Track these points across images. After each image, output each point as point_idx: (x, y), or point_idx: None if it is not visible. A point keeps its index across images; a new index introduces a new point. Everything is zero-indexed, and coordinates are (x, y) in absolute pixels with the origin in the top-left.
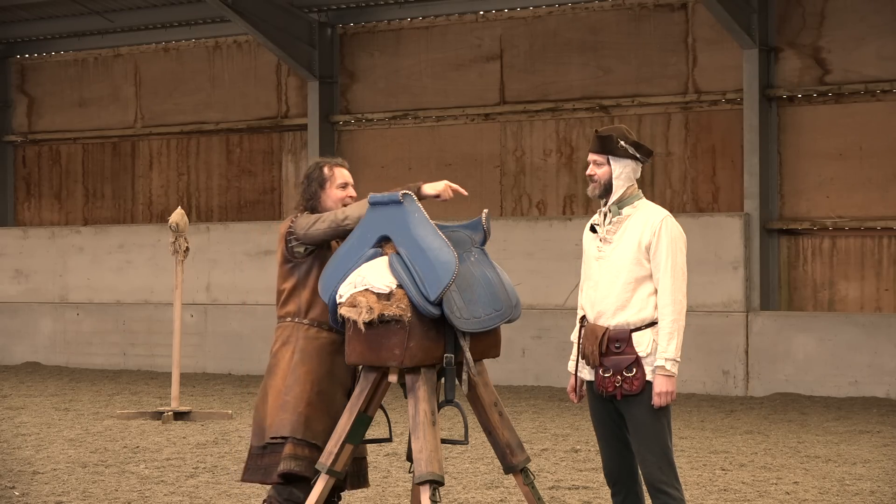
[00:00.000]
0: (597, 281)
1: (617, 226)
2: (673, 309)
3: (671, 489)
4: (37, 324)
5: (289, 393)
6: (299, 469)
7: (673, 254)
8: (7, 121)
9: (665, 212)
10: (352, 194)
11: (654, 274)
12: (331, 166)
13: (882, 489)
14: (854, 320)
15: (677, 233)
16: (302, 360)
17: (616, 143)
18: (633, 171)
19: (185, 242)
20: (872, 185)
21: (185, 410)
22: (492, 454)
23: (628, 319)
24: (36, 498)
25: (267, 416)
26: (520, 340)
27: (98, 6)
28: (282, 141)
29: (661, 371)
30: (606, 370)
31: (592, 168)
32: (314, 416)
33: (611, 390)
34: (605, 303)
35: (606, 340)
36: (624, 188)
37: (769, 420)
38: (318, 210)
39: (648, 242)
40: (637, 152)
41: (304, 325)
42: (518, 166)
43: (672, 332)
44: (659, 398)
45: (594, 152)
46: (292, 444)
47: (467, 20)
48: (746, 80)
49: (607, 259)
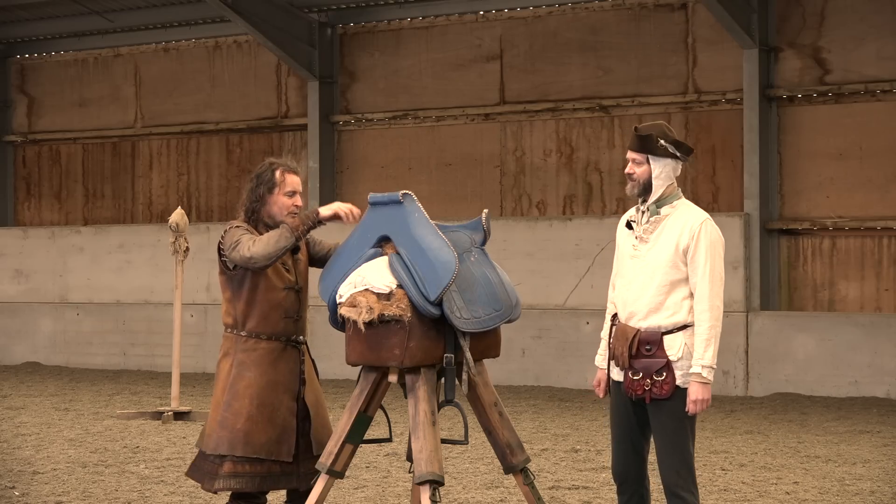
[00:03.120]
0: (630, 280)
1: (654, 225)
2: (711, 315)
3: (687, 494)
4: (37, 324)
5: (228, 409)
6: (239, 486)
7: (712, 259)
8: (7, 121)
9: (705, 214)
10: (298, 203)
11: (690, 278)
12: (283, 171)
13: (882, 489)
14: (854, 320)
15: (716, 237)
16: (240, 374)
17: (656, 141)
18: (672, 169)
19: (185, 242)
20: (872, 185)
21: (185, 410)
22: (492, 454)
23: (660, 322)
24: (36, 498)
25: (207, 426)
26: (520, 340)
27: (98, 6)
28: (282, 141)
29: (698, 378)
30: (636, 372)
31: (631, 166)
32: (255, 430)
33: (640, 393)
34: (637, 303)
35: (637, 342)
36: (663, 187)
37: (769, 420)
38: (261, 214)
39: (686, 246)
40: (677, 151)
41: (241, 337)
42: (518, 166)
43: (709, 339)
44: (695, 405)
45: (633, 150)
46: (231, 463)
47: (467, 20)
48: (746, 80)
49: (643, 259)
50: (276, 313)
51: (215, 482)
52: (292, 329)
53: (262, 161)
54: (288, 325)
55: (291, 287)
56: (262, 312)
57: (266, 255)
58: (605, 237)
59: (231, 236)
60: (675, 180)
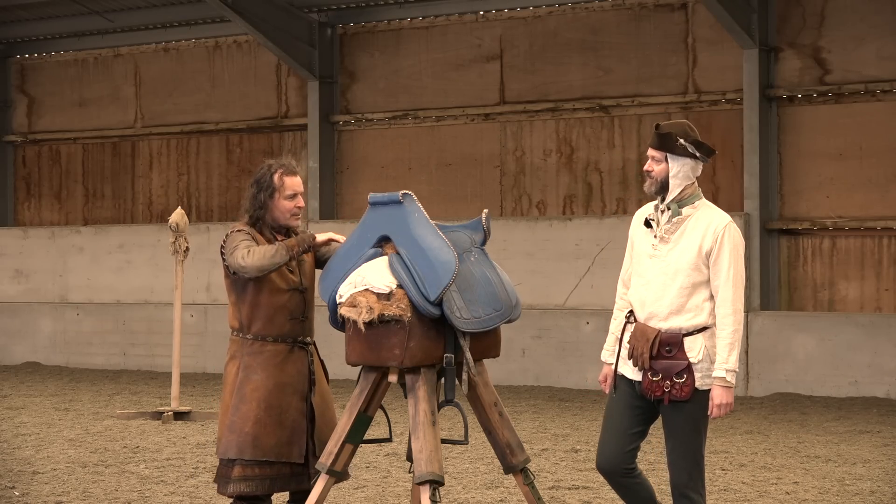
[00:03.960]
0: (649, 280)
1: (676, 225)
2: (734, 319)
3: (695, 494)
4: (37, 324)
5: (236, 413)
6: (249, 490)
7: (735, 262)
8: (7, 121)
9: (728, 217)
10: (300, 204)
11: (712, 281)
12: (281, 174)
13: (882, 489)
14: (854, 320)
15: (739, 240)
16: (247, 377)
17: (675, 140)
18: (691, 169)
19: (185, 242)
20: (872, 185)
21: (185, 410)
22: (492, 454)
23: (681, 324)
24: (36, 498)
25: (217, 431)
26: (520, 340)
27: (98, 6)
28: (282, 141)
29: (721, 382)
30: (656, 374)
31: (650, 164)
32: (263, 433)
33: (659, 394)
34: (658, 304)
35: (658, 343)
36: (681, 187)
37: (769, 420)
38: (265, 219)
39: (710, 248)
40: (697, 151)
41: (248, 341)
42: (518, 166)
43: (733, 343)
44: (719, 409)
45: (653, 148)
46: (241, 467)
47: (467, 20)
48: (746, 80)
49: (663, 259)
50: (282, 315)
51: (228, 486)
52: (299, 330)
53: (262, 162)
54: (294, 326)
55: (296, 288)
56: (267, 315)
57: (259, 268)
58: (605, 237)
59: (231, 241)
60: (696, 181)
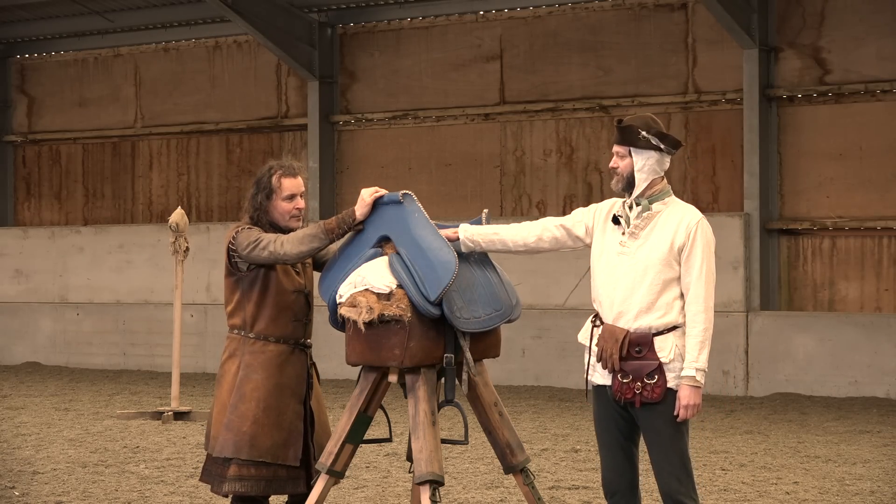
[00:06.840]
0: (617, 278)
1: (646, 221)
2: (705, 317)
3: (688, 499)
4: (37, 324)
5: (234, 411)
6: (244, 490)
7: (707, 259)
8: (7, 121)
9: (699, 213)
10: (299, 205)
11: (684, 278)
12: (279, 176)
13: (882, 489)
14: (854, 320)
15: (711, 237)
16: (247, 376)
17: (637, 133)
18: (657, 163)
19: (185, 242)
20: (872, 185)
21: (185, 410)
22: (492, 454)
23: (651, 323)
24: (36, 498)
25: (213, 429)
26: (520, 340)
27: (98, 6)
28: (282, 141)
29: (691, 381)
30: (626, 375)
31: (615, 160)
32: (260, 434)
33: (629, 397)
34: (627, 303)
35: (627, 344)
36: (647, 181)
37: (769, 420)
38: (265, 221)
39: (682, 244)
40: (661, 143)
41: (250, 339)
42: (518, 166)
43: (703, 341)
44: (686, 410)
45: (616, 143)
46: (237, 466)
47: (467, 20)
48: (746, 80)
49: (632, 256)
50: (286, 316)
51: (223, 485)
52: (301, 332)
53: (264, 163)
54: (297, 328)
55: (301, 290)
56: (272, 315)
57: (298, 254)
58: None
59: (247, 237)
60: (665, 176)
